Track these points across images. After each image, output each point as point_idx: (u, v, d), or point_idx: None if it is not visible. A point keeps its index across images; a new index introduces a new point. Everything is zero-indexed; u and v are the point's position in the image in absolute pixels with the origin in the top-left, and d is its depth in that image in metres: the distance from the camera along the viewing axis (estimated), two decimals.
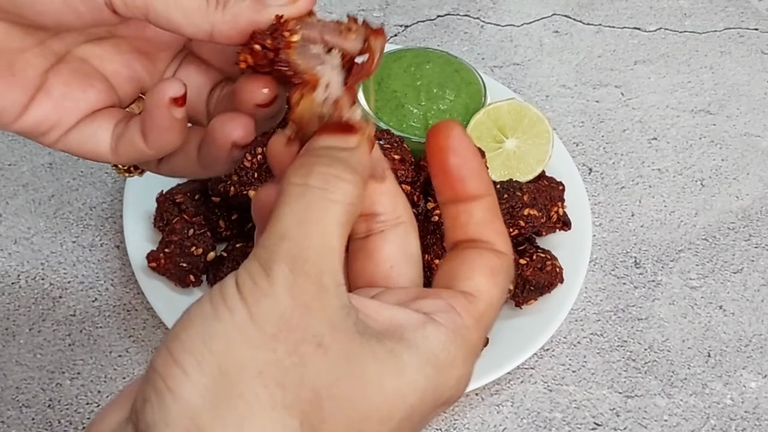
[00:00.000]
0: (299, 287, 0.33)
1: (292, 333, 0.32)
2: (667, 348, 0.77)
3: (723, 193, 0.90)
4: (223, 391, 0.32)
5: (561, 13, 1.07)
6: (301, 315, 0.33)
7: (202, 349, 0.32)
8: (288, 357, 0.32)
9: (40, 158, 0.85)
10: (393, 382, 0.34)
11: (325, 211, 0.34)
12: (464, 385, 0.37)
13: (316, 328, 0.33)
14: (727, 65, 1.03)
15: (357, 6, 1.04)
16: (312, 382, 0.32)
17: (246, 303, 0.33)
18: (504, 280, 0.38)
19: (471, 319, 0.36)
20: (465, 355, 0.36)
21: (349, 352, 0.33)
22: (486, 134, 0.81)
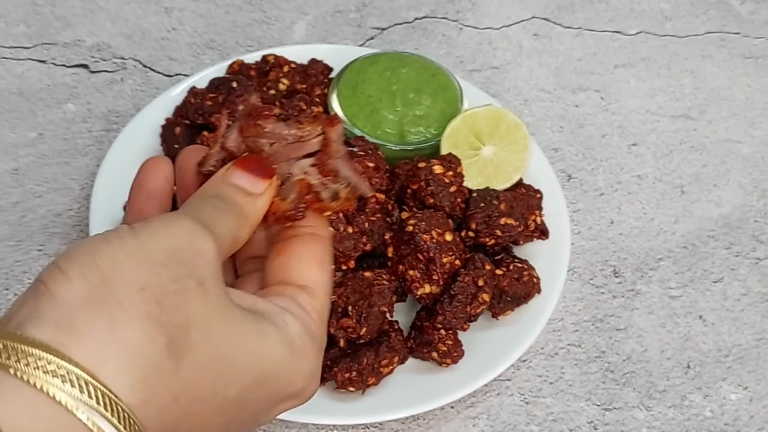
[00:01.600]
0: (198, 235, 0.37)
1: (180, 266, 0.36)
2: (646, 359, 0.76)
3: (703, 200, 0.88)
4: (102, 296, 0.34)
5: (540, 15, 1.05)
6: (192, 256, 0.36)
7: (89, 261, 0.34)
8: (171, 283, 0.35)
9: (4, 164, 0.83)
10: (256, 342, 0.38)
11: (220, 225, 0.39)
12: (316, 380, 0.42)
13: (201, 272, 0.36)
14: (709, 69, 1.01)
15: (333, 8, 1.03)
16: (187, 310, 0.35)
17: (137, 235, 0.36)
18: (328, 262, 0.44)
19: (315, 314, 0.42)
20: (316, 349, 0.41)
21: (223, 302, 0.37)
22: (462, 141, 0.79)
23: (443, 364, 0.70)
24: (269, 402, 0.40)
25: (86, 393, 0.32)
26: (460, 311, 0.69)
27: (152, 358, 0.34)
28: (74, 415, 0.31)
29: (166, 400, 0.34)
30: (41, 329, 0.33)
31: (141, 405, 0.33)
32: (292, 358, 0.39)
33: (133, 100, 0.90)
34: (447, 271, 0.69)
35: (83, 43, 0.95)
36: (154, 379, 0.34)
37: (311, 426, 0.69)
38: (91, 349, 0.33)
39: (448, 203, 0.73)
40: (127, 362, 0.33)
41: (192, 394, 0.35)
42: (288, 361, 0.39)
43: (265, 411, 0.40)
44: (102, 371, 0.33)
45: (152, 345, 0.34)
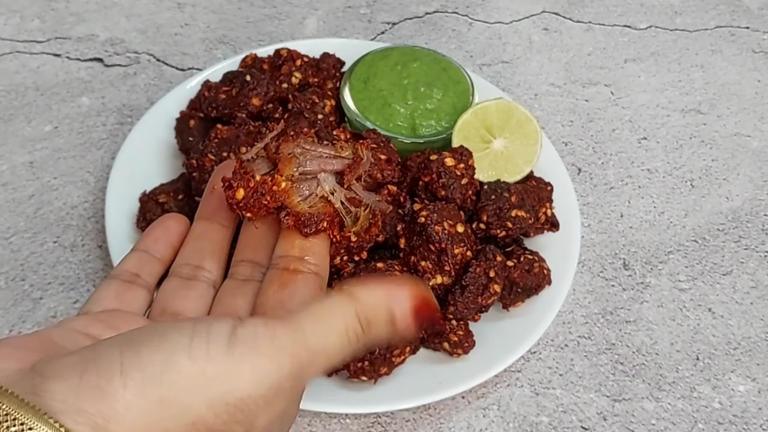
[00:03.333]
0: (281, 391, 0.37)
1: (240, 414, 0.36)
2: (656, 351, 0.76)
3: (713, 194, 0.89)
4: (152, 417, 0.34)
5: (551, 10, 1.06)
6: (258, 409, 0.36)
7: (156, 376, 0.34)
8: (222, 425, 0.35)
9: (20, 157, 0.84)
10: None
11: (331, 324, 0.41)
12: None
13: (255, 424, 0.37)
14: (718, 64, 1.02)
15: (344, 3, 1.03)
16: None
17: (232, 353, 0.36)
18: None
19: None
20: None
21: None
22: (473, 134, 0.80)
23: (454, 354, 0.70)
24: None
25: None
26: (471, 302, 0.69)
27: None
28: None
29: None
30: (78, 425, 0.33)
31: None
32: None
33: (147, 94, 0.91)
34: (458, 262, 0.70)
35: (97, 37, 0.96)
36: None
37: (323, 414, 0.69)
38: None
39: (460, 195, 0.74)
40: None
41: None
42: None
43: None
44: None
45: None
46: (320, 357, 0.39)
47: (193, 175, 0.73)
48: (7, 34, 0.95)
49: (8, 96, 0.89)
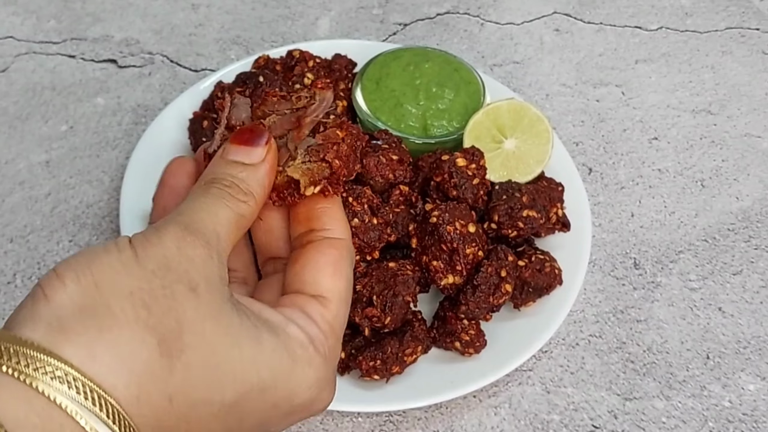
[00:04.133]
0: (187, 243, 0.37)
1: (170, 273, 0.36)
2: (666, 350, 0.77)
3: (723, 194, 0.89)
4: (92, 301, 0.35)
5: (562, 11, 1.06)
6: (182, 262, 0.37)
7: (84, 269, 0.36)
8: (161, 289, 0.36)
9: (36, 156, 0.85)
10: (251, 350, 0.37)
11: (220, 208, 0.40)
12: (327, 391, 0.41)
13: (193, 277, 0.37)
14: (729, 65, 1.02)
15: (356, 4, 1.04)
16: (178, 314, 0.36)
17: (134, 246, 0.37)
18: (347, 267, 0.43)
19: (326, 325, 0.41)
20: (322, 359, 0.40)
21: (218, 307, 0.37)
22: (485, 134, 0.81)
23: (466, 353, 0.71)
24: (276, 413, 0.39)
25: (74, 389, 0.33)
26: (482, 301, 0.70)
27: (143, 357, 0.34)
28: (62, 408, 0.32)
29: (160, 400, 0.35)
30: (35, 330, 0.34)
31: (134, 402, 0.34)
32: (291, 367, 0.39)
33: (161, 94, 0.92)
34: (470, 261, 0.71)
35: (112, 38, 0.97)
36: (147, 377, 0.34)
37: (336, 413, 0.70)
38: (81, 349, 0.34)
39: (471, 195, 0.74)
40: (117, 362, 0.34)
41: (187, 398, 0.36)
42: (287, 370, 0.39)
43: (273, 422, 0.40)
44: (91, 369, 0.33)
45: (142, 345, 0.34)
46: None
47: None
48: (23, 35, 0.96)
49: (25, 95, 0.90)
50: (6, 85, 0.91)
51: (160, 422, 0.35)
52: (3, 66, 0.93)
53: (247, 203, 0.41)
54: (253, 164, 0.42)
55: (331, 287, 0.42)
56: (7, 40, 0.96)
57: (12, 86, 0.91)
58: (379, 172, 0.74)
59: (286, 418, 0.40)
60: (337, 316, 0.42)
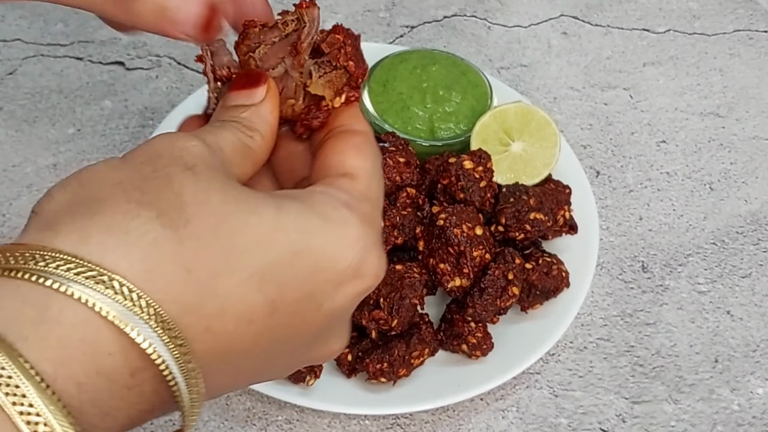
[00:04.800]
0: (179, 137, 0.35)
1: (161, 159, 0.34)
2: (675, 353, 0.76)
3: (732, 196, 0.89)
4: (80, 198, 0.32)
5: (569, 14, 1.06)
6: (175, 150, 0.34)
7: (72, 178, 0.34)
8: (153, 173, 0.33)
9: (43, 159, 0.85)
10: (271, 214, 0.34)
11: (223, 130, 0.38)
12: (374, 255, 0.37)
13: (188, 160, 0.34)
14: (737, 68, 1.02)
15: (363, 6, 1.04)
16: (175, 189, 0.33)
17: (124, 152, 0.35)
18: (371, 152, 0.41)
19: (357, 193, 0.38)
20: (359, 220, 0.36)
21: (221, 181, 0.34)
22: (492, 137, 0.80)
23: (473, 356, 0.71)
24: (322, 280, 0.35)
25: (73, 272, 0.30)
26: (489, 304, 0.70)
27: (142, 230, 0.31)
28: (64, 293, 0.30)
29: (175, 272, 0.31)
30: (26, 234, 0.32)
31: (144, 277, 0.31)
32: (324, 226, 0.35)
33: (169, 97, 0.92)
34: (477, 264, 0.70)
35: (119, 41, 0.97)
36: (152, 249, 0.31)
37: (343, 416, 0.70)
38: (73, 236, 0.31)
39: (479, 198, 0.74)
40: (112, 239, 0.31)
41: (207, 268, 0.32)
42: (320, 230, 0.35)
43: (324, 292, 0.35)
44: (86, 251, 0.30)
45: (139, 219, 0.31)
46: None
47: None
48: (31, 38, 0.97)
49: (33, 99, 0.90)
50: (13, 88, 0.91)
51: (182, 297, 0.31)
52: (10, 69, 0.93)
53: (253, 137, 0.39)
54: (254, 104, 0.40)
55: (357, 165, 0.39)
56: (15, 42, 0.96)
57: (19, 89, 0.91)
58: (386, 174, 0.74)
59: (338, 289, 0.36)
60: (369, 188, 0.39)
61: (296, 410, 0.70)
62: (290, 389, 0.67)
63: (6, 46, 0.95)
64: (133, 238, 0.31)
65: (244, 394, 0.70)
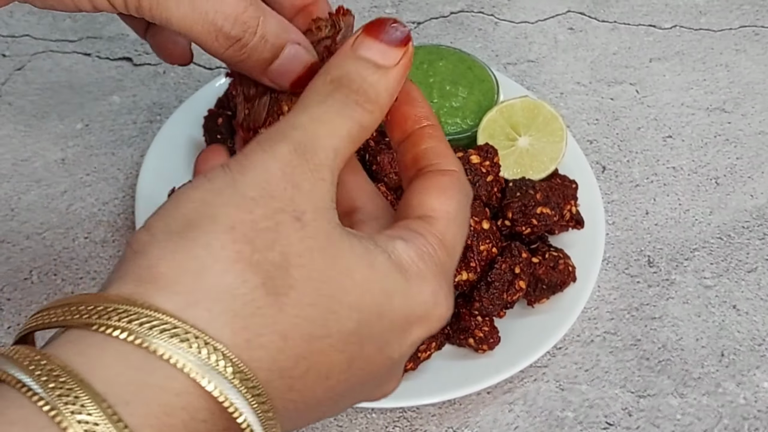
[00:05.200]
0: (294, 166, 0.34)
1: (273, 201, 0.33)
2: (681, 347, 0.77)
3: (738, 191, 0.89)
4: (187, 242, 0.32)
5: (576, 9, 1.06)
6: (287, 188, 0.33)
7: (173, 211, 0.33)
8: (263, 220, 0.32)
9: (52, 154, 0.85)
10: (363, 273, 0.34)
11: (343, 120, 0.36)
12: (443, 303, 0.37)
13: (298, 204, 0.33)
14: (743, 63, 1.02)
15: (370, 2, 1.04)
16: (283, 247, 0.32)
17: (230, 171, 0.33)
18: (457, 193, 0.39)
19: (434, 238, 0.37)
20: (435, 272, 0.37)
21: (326, 235, 0.34)
22: (499, 132, 0.81)
23: (480, 350, 0.71)
24: (393, 334, 0.36)
25: (177, 338, 0.30)
26: (496, 298, 0.70)
27: (248, 299, 0.31)
28: (166, 360, 0.30)
29: (273, 340, 0.32)
30: (125, 285, 0.31)
31: (246, 346, 0.31)
32: (406, 286, 0.35)
33: (176, 92, 0.92)
34: (484, 258, 0.71)
35: (127, 36, 0.97)
36: (255, 319, 0.31)
37: (350, 409, 0.70)
38: (179, 296, 0.31)
39: (485, 192, 0.74)
40: (219, 306, 0.31)
41: (303, 334, 0.33)
42: (402, 290, 0.35)
43: (392, 345, 0.36)
44: (192, 316, 0.30)
45: (246, 286, 0.31)
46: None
47: None
48: (40, 34, 0.97)
49: (42, 94, 0.91)
50: (23, 84, 0.92)
51: (276, 363, 0.32)
52: (19, 64, 0.94)
53: (372, 113, 0.37)
54: (386, 66, 0.37)
55: (437, 207, 0.38)
56: (24, 38, 0.96)
57: (29, 85, 0.92)
58: (394, 169, 0.75)
59: (403, 338, 0.36)
60: (446, 233, 0.38)
61: None
62: None
63: (15, 42, 0.96)
64: (238, 306, 0.31)
65: None
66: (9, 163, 0.84)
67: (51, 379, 0.28)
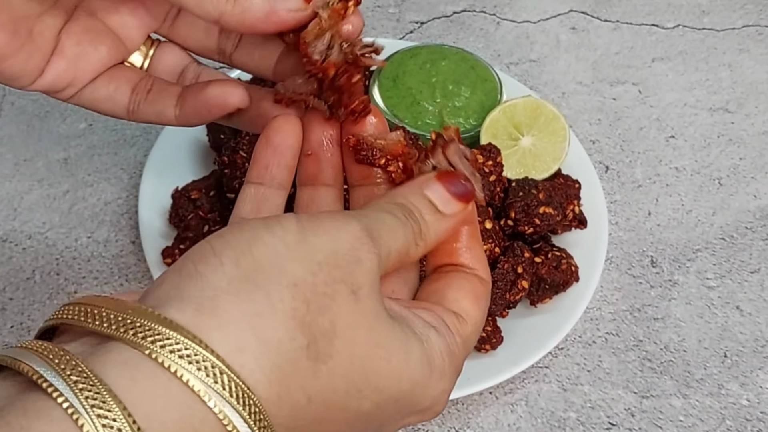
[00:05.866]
0: (362, 244, 0.35)
1: (337, 270, 0.34)
2: (684, 348, 0.76)
3: (741, 192, 0.89)
4: (252, 285, 0.33)
5: (578, 9, 1.06)
6: (351, 262, 0.35)
7: (245, 248, 0.33)
8: (324, 285, 0.34)
9: (55, 153, 0.85)
10: (399, 360, 0.36)
11: (401, 235, 0.38)
12: (444, 401, 0.39)
13: (358, 279, 0.35)
14: (746, 63, 1.02)
15: (373, 2, 1.04)
16: (334, 316, 0.34)
17: (304, 230, 0.35)
18: (485, 305, 0.42)
19: (460, 339, 0.39)
20: (452, 371, 0.39)
21: (374, 315, 0.35)
22: (502, 132, 0.81)
23: (482, 350, 0.71)
24: (399, 415, 0.38)
25: (220, 383, 0.30)
26: (499, 298, 0.70)
27: (291, 356, 0.32)
28: (205, 403, 0.30)
29: (299, 400, 0.33)
30: (182, 311, 0.32)
31: (276, 401, 0.32)
32: (429, 378, 0.37)
33: None
34: (487, 258, 0.70)
35: None
36: (292, 378, 0.33)
37: None
38: (231, 338, 0.31)
39: (488, 192, 0.74)
40: (265, 357, 0.32)
41: (326, 402, 0.34)
42: (425, 382, 0.37)
43: (389, 425, 0.38)
44: (238, 362, 0.31)
45: (293, 344, 0.32)
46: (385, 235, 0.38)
47: (225, 171, 0.74)
48: None
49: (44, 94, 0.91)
50: None
51: (295, 422, 0.33)
52: None
53: (418, 248, 0.39)
54: (444, 214, 0.40)
55: (469, 311, 0.41)
56: None
57: None
58: None
59: (401, 421, 0.39)
60: (471, 336, 0.41)
61: None
62: None
63: None
64: (282, 362, 0.32)
65: None
66: (11, 163, 0.84)
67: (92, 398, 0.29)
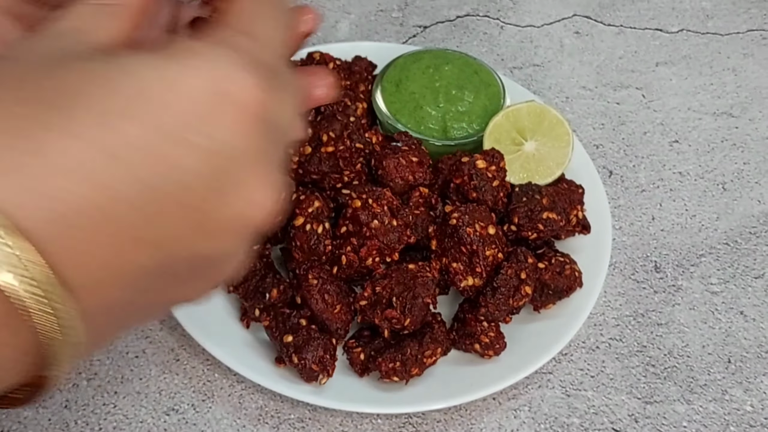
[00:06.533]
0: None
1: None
2: (687, 354, 0.76)
3: (745, 197, 0.88)
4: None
5: (582, 13, 1.06)
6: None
7: None
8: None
9: None
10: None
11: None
12: (259, 214, 0.30)
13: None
14: (750, 67, 1.01)
15: (376, 7, 1.04)
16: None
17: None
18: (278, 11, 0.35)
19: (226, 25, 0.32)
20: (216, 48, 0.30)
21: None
22: (505, 136, 0.80)
23: (485, 355, 0.71)
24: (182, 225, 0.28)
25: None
26: (502, 303, 0.70)
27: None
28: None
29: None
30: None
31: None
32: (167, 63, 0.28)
33: None
34: (490, 263, 0.70)
35: None
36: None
37: (355, 415, 0.70)
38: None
39: (491, 197, 0.74)
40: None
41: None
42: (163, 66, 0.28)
43: (174, 244, 0.28)
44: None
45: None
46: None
47: None
48: None
49: None
50: None
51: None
52: None
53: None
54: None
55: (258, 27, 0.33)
56: None
57: None
58: (399, 173, 0.74)
59: (185, 242, 0.29)
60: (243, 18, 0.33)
61: (309, 409, 0.70)
62: (303, 388, 0.67)
63: None
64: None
65: (257, 393, 0.71)
66: None
67: None
